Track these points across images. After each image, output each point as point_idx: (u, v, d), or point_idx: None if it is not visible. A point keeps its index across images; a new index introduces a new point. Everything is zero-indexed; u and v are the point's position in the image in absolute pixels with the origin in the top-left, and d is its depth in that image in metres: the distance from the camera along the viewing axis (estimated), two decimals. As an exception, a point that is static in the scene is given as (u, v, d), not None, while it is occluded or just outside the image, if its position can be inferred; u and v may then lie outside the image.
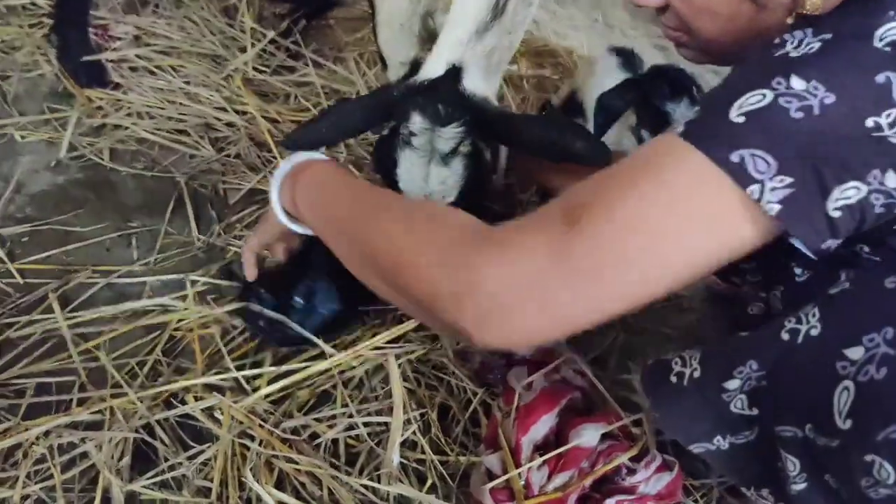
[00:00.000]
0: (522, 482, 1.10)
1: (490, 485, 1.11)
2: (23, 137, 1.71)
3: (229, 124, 1.82)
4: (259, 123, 1.78)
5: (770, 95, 0.73)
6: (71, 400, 1.24)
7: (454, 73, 1.24)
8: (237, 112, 1.84)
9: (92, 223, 1.57)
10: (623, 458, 1.13)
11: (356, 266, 1.05)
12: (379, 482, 1.14)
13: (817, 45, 0.75)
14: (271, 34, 2.06)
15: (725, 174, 0.73)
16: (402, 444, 1.19)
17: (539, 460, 1.12)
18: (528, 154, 1.34)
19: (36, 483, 1.12)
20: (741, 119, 0.74)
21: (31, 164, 1.67)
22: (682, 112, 1.41)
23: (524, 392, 1.22)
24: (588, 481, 1.11)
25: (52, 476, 1.13)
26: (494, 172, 1.44)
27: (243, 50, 2.02)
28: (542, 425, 1.16)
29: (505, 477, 1.11)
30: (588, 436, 1.14)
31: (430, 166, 1.23)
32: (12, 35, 1.93)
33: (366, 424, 1.23)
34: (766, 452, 0.87)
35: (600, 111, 1.45)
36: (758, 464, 0.90)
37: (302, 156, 1.20)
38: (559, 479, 1.11)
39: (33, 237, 1.52)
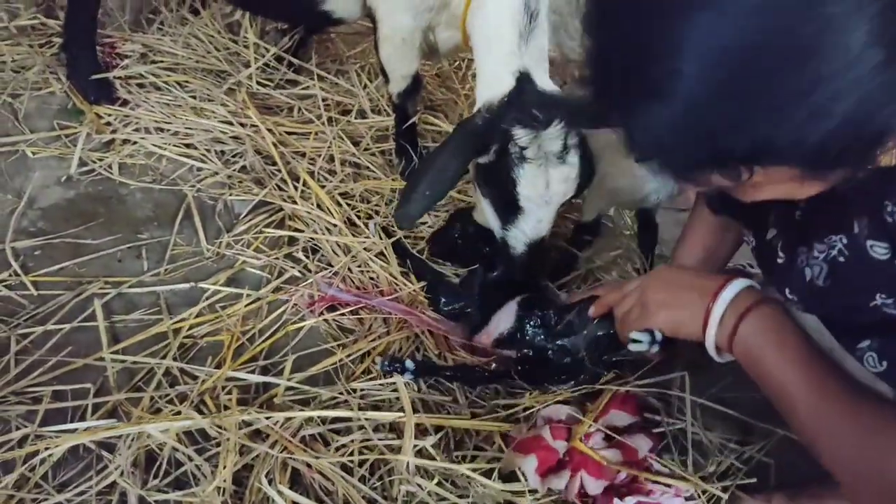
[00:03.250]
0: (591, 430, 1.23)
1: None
2: (34, 154, 1.75)
3: (235, 137, 1.87)
4: (265, 136, 1.82)
5: None
6: (87, 406, 1.28)
7: (525, 78, 1.29)
8: (242, 125, 1.88)
9: (103, 235, 1.61)
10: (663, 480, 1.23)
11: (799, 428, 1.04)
12: (391, 486, 1.18)
13: None
14: (274, 49, 2.11)
15: None
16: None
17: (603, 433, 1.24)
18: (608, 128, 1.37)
19: (53, 488, 1.16)
20: None
21: (42, 179, 1.71)
22: None
23: None
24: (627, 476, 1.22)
25: (69, 482, 1.17)
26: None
27: (247, 65, 2.06)
28: (623, 418, 1.28)
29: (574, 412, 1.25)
30: (640, 445, 1.24)
31: (548, 171, 1.27)
32: (23, 54, 1.97)
33: (376, 430, 1.26)
34: None
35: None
36: None
37: (739, 284, 1.12)
38: (610, 453, 1.21)
39: (46, 250, 1.56)
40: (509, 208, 1.33)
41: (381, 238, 1.64)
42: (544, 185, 1.28)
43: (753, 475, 1.33)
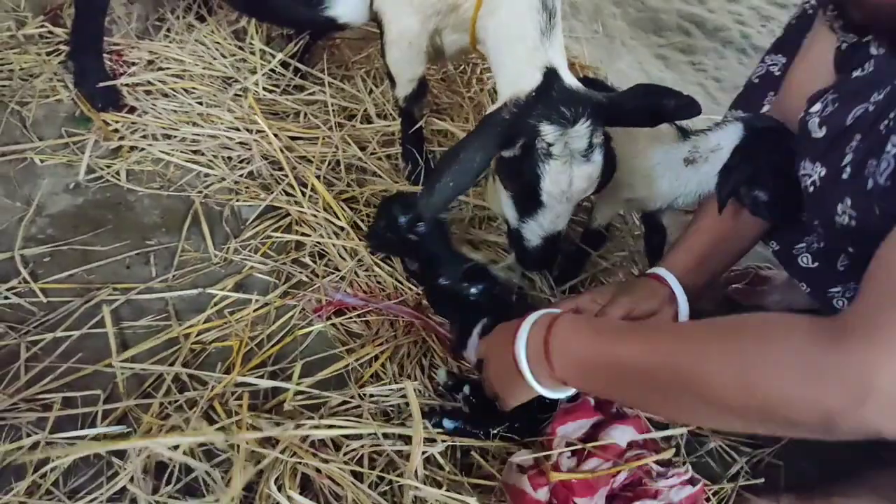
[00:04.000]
0: (552, 462, 1.17)
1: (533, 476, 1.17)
2: (42, 161, 1.76)
3: (242, 143, 1.87)
4: (272, 141, 1.83)
5: None
6: (96, 413, 1.28)
7: (553, 73, 1.29)
8: (249, 131, 1.89)
9: (111, 242, 1.62)
10: (651, 460, 1.21)
11: (673, 410, 1.01)
12: (401, 492, 1.18)
13: None
14: (280, 55, 2.11)
15: None
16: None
17: (568, 449, 1.19)
18: (629, 126, 1.37)
19: (64, 495, 1.16)
20: None
21: (50, 186, 1.72)
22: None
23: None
24: (617, 472, 1.18)
25: (79, 488, 1.17)
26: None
27: (253, 71, 2.07)
28: (577, 427, 1.23)
29: (534, 454, 1.19)
30: (617, 436, 1.21)
31: (572, 169, 1.27)
32: (30, 63, 1.99)
33: (386, 436, 1.26)
34: None
35: (725, 184, 1.36)
36: None
37: (532, 317, 1.11)
38: (587, 465, 1.17)
39: (55, 257, 1.57)
40: (530, 202, 1.33)
41: None
42: (567, 183, 1.28)
43: (763, 477, 1.32)
